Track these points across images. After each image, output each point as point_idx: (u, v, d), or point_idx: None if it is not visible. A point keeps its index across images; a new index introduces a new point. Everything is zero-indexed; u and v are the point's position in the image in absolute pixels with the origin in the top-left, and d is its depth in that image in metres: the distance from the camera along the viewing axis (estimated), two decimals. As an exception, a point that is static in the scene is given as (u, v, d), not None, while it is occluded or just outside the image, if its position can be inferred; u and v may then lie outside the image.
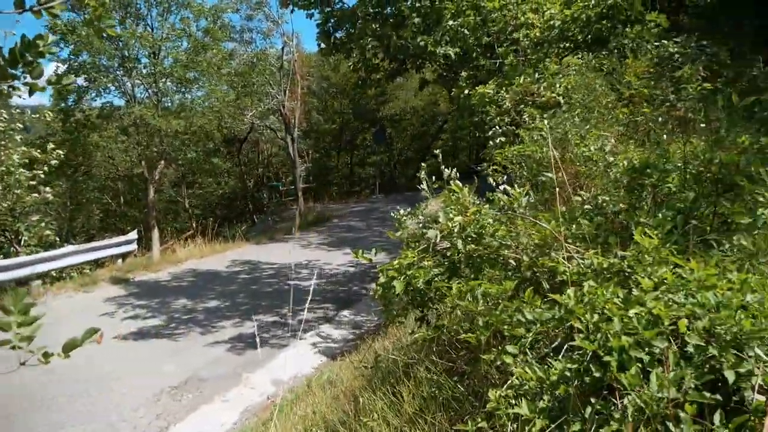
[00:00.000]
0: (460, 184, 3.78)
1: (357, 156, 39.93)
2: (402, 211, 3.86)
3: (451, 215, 3.48)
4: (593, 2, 9.61)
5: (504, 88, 8.00)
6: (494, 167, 6.40)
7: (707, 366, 2.79)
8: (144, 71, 18.71)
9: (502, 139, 6.58)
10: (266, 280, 14.86)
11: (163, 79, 18.59)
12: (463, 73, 11.64)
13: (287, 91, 23.74)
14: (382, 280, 3.70)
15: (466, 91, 10.08)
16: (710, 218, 4.17)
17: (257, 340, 10.14)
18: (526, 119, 6.80)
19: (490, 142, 6.50)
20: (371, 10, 12.73)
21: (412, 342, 3.84)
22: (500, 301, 3.25)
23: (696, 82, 5.24)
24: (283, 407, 7.49)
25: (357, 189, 36.95)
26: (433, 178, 4.23)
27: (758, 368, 2.76)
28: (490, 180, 6.86)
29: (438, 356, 3.90)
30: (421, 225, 3.65)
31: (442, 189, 4.06)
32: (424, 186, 3.86)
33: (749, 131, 4.25)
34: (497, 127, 6.59)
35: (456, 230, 3.43)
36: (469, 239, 3.47)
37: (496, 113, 6.88)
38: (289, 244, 20.01)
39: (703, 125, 4.42)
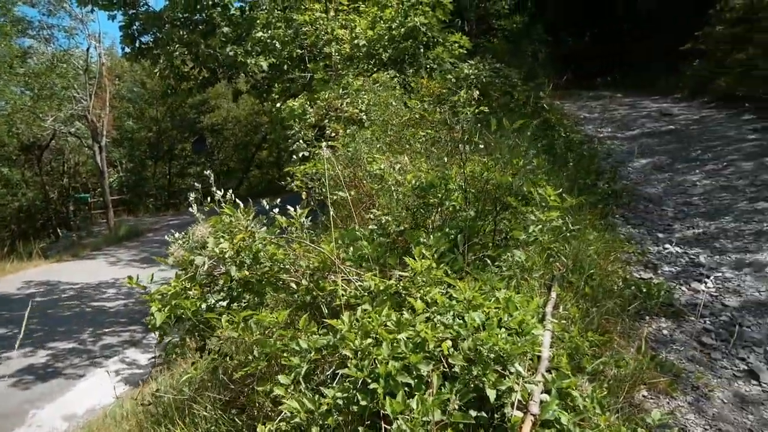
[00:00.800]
0: (241, 206, 3.60)
1: (176, 166, 38.12)
2: (176, 234, 3.59)
3: (220, 240, 3.28)
4: (396, 24, 9.93)
5: (311, 102, 7.96)
6: (296, 183, 6.31)
7: (472, 385, 2.85)
8: None
9: (306, 153, 6.50)
10: (66, 303, 13.54)
11: (-61, 76, 16.39)
12: (276, 86, 11.48)
13: (93, 96, 22.02)
14: (154, 309, 3.40)
15: (279, 104, 9.93)
16: (491, 235, 4.36)
17: (49, 371, 9.21)
18: (331, 134, 6.80)
19: (294, 157, 6.39)
20: (180, 16, 12.16)
21: (190, 374, 3.58)
22: (275, 329, 3.11)
23: (472, 105, 5.53)
24: (72, 446, 6.82)
25: (176, 201, 35.22)
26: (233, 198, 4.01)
27: (518, 384, 2.87)
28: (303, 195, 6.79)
29: (222, 388, 3.67)
30: (191, 250, 3.40)
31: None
32: (193, 209, 3.62)
33: (526, 152, 4.52)
34: (300, 141, 6.49)
35: (228, 255, 3.23)
36: (245, 264, 3.30)
37: (300, 127, 6.80)
38: (95, 262, 18.54)
39: (481, 146, 4.64)
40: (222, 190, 3.69)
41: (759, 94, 13.50)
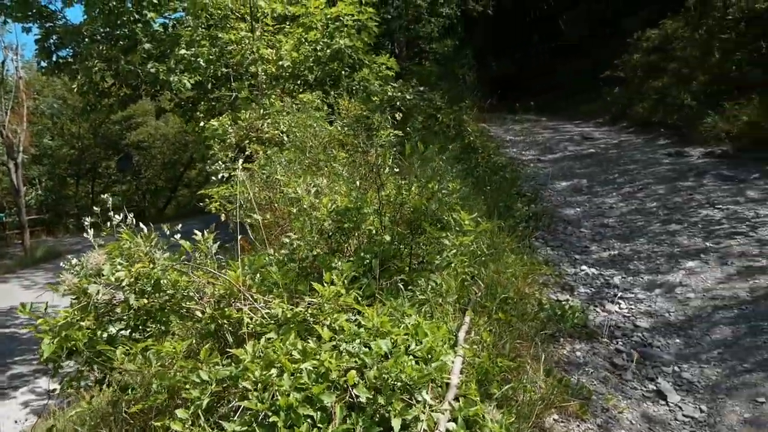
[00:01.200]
0: (144, 231, 3.44)
1: (100, 184, 36.76)
2: (74, 261, 3.39)
3: (117, 267, 3.12)
4: (320, 45, 9.92)
5: (233, 122, 7.83)
6: (214, 205, 6.16)
7: (377, 416, 2.79)
8: None
9: (225, 175, 6.35)
10: (-29, 330, 12.75)
11: None
12: (201, 104, 11.27)
13: (9, 111, 21.02)
14: (45, 340, 3.20)
15: (202, 123, 9.71)
16: (407, 260, 4.34)
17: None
18: (251, 155, 6.69)
19: (213, 178, 6.24)
20: (101, 30, 11.77)
21: (80, 410, 3.38)
22: (175, 360, 2.97)
23: (387, 129, 5.55)
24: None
25: (99, 221, 33.83)
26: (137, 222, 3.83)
27: (424, 413, 2.82)
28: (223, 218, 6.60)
29: (123, 423, 3.47)
30: (85, 278, 3.22)
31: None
32: (89, 234, 3.44)
33: (441, 176, 4.53)
34: (220, 162, 6.34)
35: (126, 283, 3.08)
36: (145, 292, 3.15)
37: (220, 147, 6.65)
38: (8, 285, 17.58)
39: (397, 170, 4.63)
40: (126, 214, 3.51)
41: (673, 120, 14.13)
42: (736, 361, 4.81)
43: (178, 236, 3.41)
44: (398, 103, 8.78)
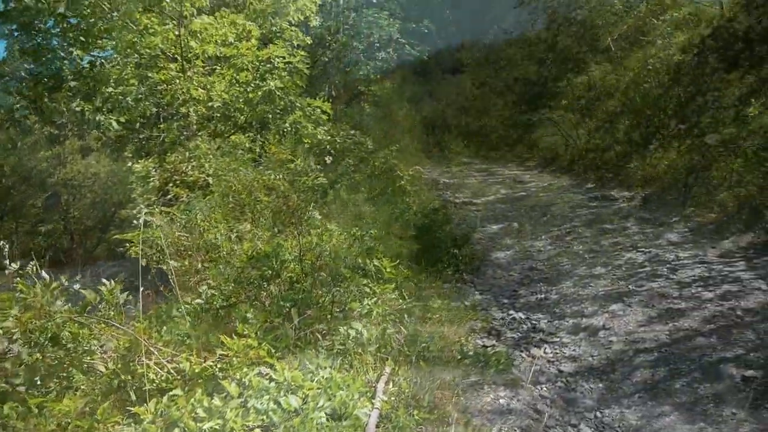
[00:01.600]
0: (46, 278, 3.25)
1: (24, 224, 35.20)
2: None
3: (8, 318, 2.93)
4: (251, 87, 9.88)
5: (159, 164, 7.64)
6: (134, 250, 5.93)
7: (287, 477, 2.67)
8: None
9: (148, 219, 6.14)
10: None
11: None
12: (130, 145, 11.00)
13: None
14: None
15: (130, 164, 9.44)
16: (330, 307, 4.26)
17: None
18: (172, 199, 6.53)
19: (134, 222, 6.02)
20: (26, 67, 11.42)
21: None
22: (71, 419, 2.79)
23: (310, 174, 5.54)
24: None
25: (22, 263, 32.24)
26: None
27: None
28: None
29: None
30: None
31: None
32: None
33: (360, 222, 4.49)
34: (141, 206, 6.14)
35: (18, 335, 2.89)
36: (39, 345, 2.95)
37: (142, 191, 6.46)
38: None
39: (320, 216, 4.58)
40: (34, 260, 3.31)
41: (600, 164, 14.62)
42: (655, 404, 4.88)
43: (77, 286, 3.24)
44: (328, 147, 8.78)
